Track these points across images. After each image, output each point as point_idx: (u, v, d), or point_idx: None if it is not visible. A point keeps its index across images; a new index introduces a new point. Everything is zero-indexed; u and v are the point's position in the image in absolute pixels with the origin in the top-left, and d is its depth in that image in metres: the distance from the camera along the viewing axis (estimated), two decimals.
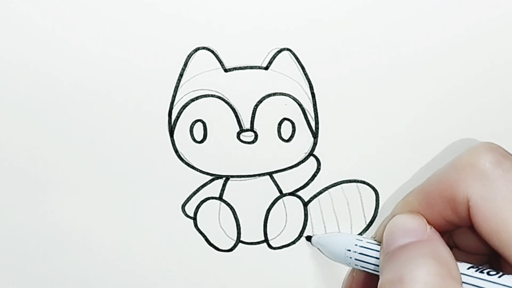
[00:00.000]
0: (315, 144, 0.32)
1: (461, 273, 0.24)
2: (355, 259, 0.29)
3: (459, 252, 0.29)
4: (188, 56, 0.31)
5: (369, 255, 0.28)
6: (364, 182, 0.32)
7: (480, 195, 0.25)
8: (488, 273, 0.24)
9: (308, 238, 0.32)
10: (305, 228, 0.32)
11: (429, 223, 0.27)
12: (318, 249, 0.32)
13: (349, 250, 0.29)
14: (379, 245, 0.28)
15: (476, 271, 0.24)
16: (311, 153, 0.32)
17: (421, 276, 0.23)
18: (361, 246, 0.29)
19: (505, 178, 0.25)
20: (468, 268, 0.25)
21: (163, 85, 0.31)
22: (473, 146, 0.26)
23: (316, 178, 0.32)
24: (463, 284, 0.24)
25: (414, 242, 0.26)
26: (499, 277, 0.24)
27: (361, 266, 0.29)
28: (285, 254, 0.33)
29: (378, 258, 0.28)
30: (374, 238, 0.30)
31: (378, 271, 0.27)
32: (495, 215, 0.24)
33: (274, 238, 0.33)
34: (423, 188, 0.28)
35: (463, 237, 0.28)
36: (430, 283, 0.23)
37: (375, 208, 0.32)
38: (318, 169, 0.32)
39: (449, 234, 0.28)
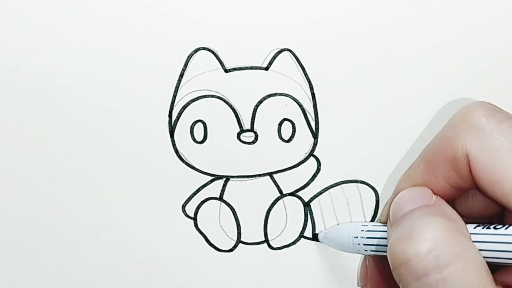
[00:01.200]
0: (315, 144, 0.32)
1: (470, 233, 0.25)
2: (363, 244, 0.29)
3: (463, 219, 0.28)
4: (188, 56, 0.31)
5: (376, 237, 0.28)
6: (364, 182, 0.32)
7: (477, 147, 0.25)
8: (494, 228, 0.24)
9: (315, 237, 0.32)
10: (305, 229, 0.32)
11: (434, 193, 0.27)
12: (327, 244, 0.32)
13: (356, 237, 0.29)
14: (385, 225, 0.28)
15: (482, 228, 0.25)
16: (311, 154, 0.32)
17: (430, 230, 0.24)
18: (368, 231, 0.29)
19: (500, 128, 0.25)
20: (475, 227, 0.25)
21: (164, 85, 0.31)
22: (465, 105, 0.26)
23: (316, 179, 0.32)
24: (474, 243, 0.24)
25: (421, 206, 0.26)
26: (506, 228, 0.24)
27: (370, 251, 0.29)
28: (285, 254, 0.33)
29: (385, 239, 0.27)
30: (380, 221, 0.30)
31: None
32: (494, 165, 0.25)
33: (274, 238, 0.33)
34: (422, 157, 0.28)
35: (466, 203, 0.28)
36: (439, 236, 0.24)
37: (375, 208, 0.32)
38: (318, 169, 0.32)
39: (452, 204, 0.28)
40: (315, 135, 0.32)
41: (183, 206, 0.32)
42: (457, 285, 0.23)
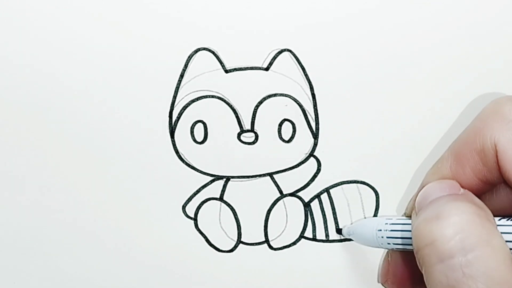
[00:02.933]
0: (315, 144, 0.32)
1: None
2: (387, 237, 0.28)
3: None
4: (188, 57, 0.31)
5: (401, 230, 0.28)
6: (364, 183, 0.32)
7: (506, 138, 0.25)
8: None
9: (339, 231, 0.32)
10: (305, 229, 0.32)
11: (462, 186, 0.27)
12: (352, 239, 0.32)
13: (380, 230, 0.29)
14: (409, 219, 0.28)
15: (507, 220, 0.25)
16: (311, 154, 0.32)
17: (458, 213, 0.23)
18: (392, 224, 0.28)
19: None
20: (500, 219, 0.25)
21: (164, 86, 0.31)
22: (495, 98, 0.27)
23: (316, 179, 0.32)
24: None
25: (448, 194, 0.26)
26: None
27: (393, 244, 0.28)
28: (285, 255, 0.33)
29: (409, 231, 0.27)
30: (405, 214, 0.29)
31: (410, 245, 0.27)
32: None
33: (274, 238, 0.33)
34: (451, 149, 0.28)
35: (493, 199, 0.28)
36: (467, 219, 0.23)
37: (375, 208, 0.32)
38: (319, 169, 0.32)
39: (479, 198, 0.28)
40: (315, 135, 0.32)
41: (184, 207, 0.32)
42: (481, 270, 0.22)
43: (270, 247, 0.33)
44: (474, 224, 0.23)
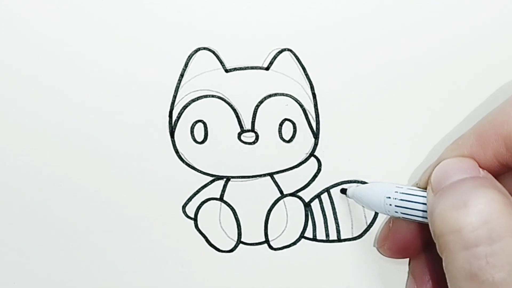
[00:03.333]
0: (316, 144, 0.32)
1: None
2: (396, 206, 0.28)
3: None
4: (189, 56, 0.31)
5: (411, 200, 0.28)
6: (364, 183, 0.32)
7: None
8: None
9: (343, 191, 0.32)
10: (305, 229, 0.32)
11: (480, 167, 0.26)
12: (355, 201, 0.31)
13: (389, 198, 0.29)
14: (422, 191, 0.28)
15: None
16: (311, 154, 0.32)
17: (486, 201, 0.23)
18: (402, 193, 0.28)
19: None
20: None
21: (164, 85, 0.31)
22: None
23: (316, 179, 0.32)
24: None
25: (471, 177, 0.26)
26: None
27: (401, 213, 0.28)
28: (285, 255, 0.33)
29: (421, 204, 0.27)
30: (417, 185, 0.29)
31: (420, 217, 0.27)
32: None
33: (274, 239, 0.33)
34: (475, 129, 0.27)
35: (510, 183, 0.28)
36: (495, 209, 0.23)
37: None
38: (319, 169, 0.32)
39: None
40: (315, 135, 0.32)
41: (183, 207, 0.32)
42: (506, 260, 0.22)
43: (270, 247, 0.33)
44: (502, 213, 0.23)
